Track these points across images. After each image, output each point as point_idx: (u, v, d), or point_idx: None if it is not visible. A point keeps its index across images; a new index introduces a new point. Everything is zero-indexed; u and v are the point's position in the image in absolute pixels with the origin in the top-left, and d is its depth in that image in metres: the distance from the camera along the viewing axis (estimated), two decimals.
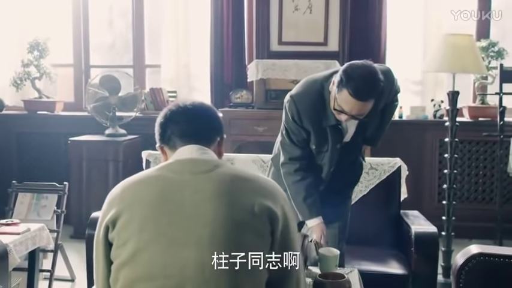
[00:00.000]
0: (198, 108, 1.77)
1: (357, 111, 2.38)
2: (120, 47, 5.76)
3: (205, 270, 1.50)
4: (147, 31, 5.50)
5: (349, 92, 2.33)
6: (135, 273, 1.54)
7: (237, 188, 1.59)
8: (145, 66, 5.53)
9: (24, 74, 5.24)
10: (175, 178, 1.60)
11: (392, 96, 2.64)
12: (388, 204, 3.51)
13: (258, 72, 4.73)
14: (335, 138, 2.60)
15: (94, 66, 5.55)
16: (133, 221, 1.56)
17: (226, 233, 1.52)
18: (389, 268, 3.07)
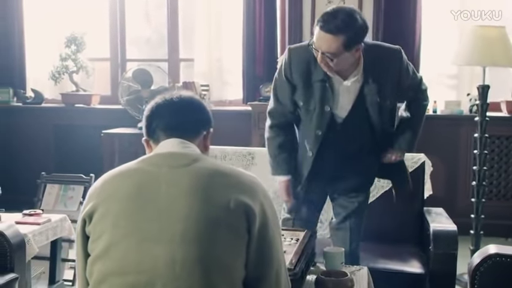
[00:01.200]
0: (184, 102, 1.73)
1: (326, 47, 2.36)
2: (155, 41, 5.78)
3: (176, 267, 1.46)
4: (182, 25, 5.50)
5: (319, 25, 2.39)
6: (108, 267, 1.51)
7: (213, 183, 1.55)
8: (179, 60, 5.53)
9: (62, 67, 5.32)
10: (153, 172, 1.57)
11: (401, 69, 2.57)
12: (411, 200, 3.38)
13: None
14: (322, 97, 2.53)
15: (130, 60, 5.59)
16: (109, 215, 1.54)
17: (199, 229, 1.48)
18: (406, 266, 2.96)
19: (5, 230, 2.82)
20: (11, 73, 5.53)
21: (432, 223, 3.06)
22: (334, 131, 2.60)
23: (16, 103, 5.54)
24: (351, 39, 2.37)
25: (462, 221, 4.23)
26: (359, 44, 2.42)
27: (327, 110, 2.55)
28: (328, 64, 2.42)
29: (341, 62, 2.42)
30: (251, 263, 1.54)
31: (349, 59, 2.44)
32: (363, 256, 3.05)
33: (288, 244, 2.38)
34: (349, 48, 2.39)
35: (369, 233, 3.28)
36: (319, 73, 2.51)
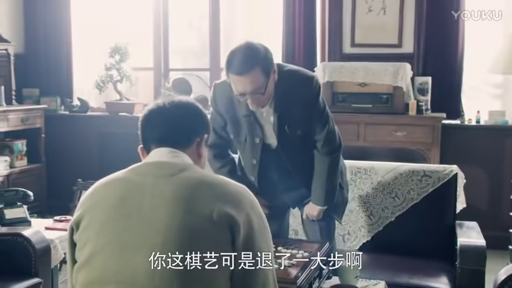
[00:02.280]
0: (176, 108, 1.69)
1: (252, 86, 2.37)
2: (198, 51, 5.81)
3: (155, 277, 1.43)
4: (223, 35, 5.51)
5: (231, 72, 2.40)
6: (90, 276, 1.50)
7: (197, 193, 1.51)
8: (220, 69, 5.54)
9: (107, 77, 5.42)
10: (138, 181, 1.55)
11: (310, 98, 2.55)
12: (441, 214, 3.26)
13: (325, 74, 4.60)
14: (251, 130, 2.58)
15: (173, 70, 5.64)
16: (93, 224, 1.53)
17: (179, 241, 1.44)
18: (432, 282, 2.84)
19: (30, 235, 2.89)
20: (59, 83, 5.67)
21: (460, 237, 2.94)
22: (269, 157, 2.64)
23: (63, 111, 5.67)
24: (265, 65, 2.39)
25: (504, 236, 4.07)
26: (273, 66, 2.44)
27: (257, 142, 2.61)
28: (259, 100, 2.43)
29: (268, 91, 2.44)
30: (236, 276, 1.49)
31: (272, 84, 2.45)
32: (386, 269, 2.97)
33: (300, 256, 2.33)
34: (268, 74, 2.40)
35: (395, 246, 3.20)
36: (243, 108, 2.54)
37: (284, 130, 2.57)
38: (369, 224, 3.32)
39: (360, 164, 3.43)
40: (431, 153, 4.36)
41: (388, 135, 4.45)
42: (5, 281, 2.72)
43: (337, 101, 4.64)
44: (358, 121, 4.51)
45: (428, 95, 4.60)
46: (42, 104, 5.54)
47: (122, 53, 5.37)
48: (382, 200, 3.32)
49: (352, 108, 4.59)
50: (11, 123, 5.03)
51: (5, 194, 3.27)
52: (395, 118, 4.47)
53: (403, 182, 3.31)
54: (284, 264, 2.21)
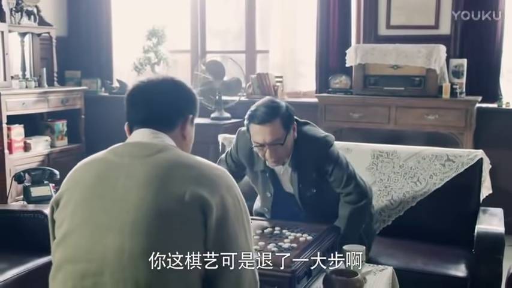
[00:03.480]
0: (159, 88, 1.66)
1: (270, 137, 2.44)
2: (234, 33, 5.77)
3: (123, 257, 1.41)
4: (259, 17, 5.45)
5: (253, 122, 2.47)
6: (64, 255, 1.51)
7: (171, 174, 1.48)
8: (256, 51, 5.50)
9: (145, 59, 5.46)
10: (115, 161, 1.54)
11: (322, 160, 2.59)
12: (464, 199, 3.13)
13: (357, 56, 4.49)
14: (264, 184, 2.69)
15: (210, 52, 5.62)
16: (70, 203, 1.53)
17: (149, 221, 1.42)
18: (447, 269, 2.73)
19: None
20: (99, 65, 5.75)
21: (479, 224, 2.82)
22: (285, 204, 2.69)
23: (103, 93, 5.75)
24: (285, 119, 2.47)
25: None
26: (292, 121, 2.53)
27: (268, 196, 2.71)
28: (277, 154, 2.48)
29: (287, 146, 2.50)
30: (208, 259, 1.46)
31: (291, 140, 2.52)
32: (402, 255, 2.89)
33: (301, 239, 2.28)
34: (287, 127, 2.48)
35: (416, 232, 3.11)
36: (261, 164, 2.63)
37: (300, 188, 2.63)
38: (389, 208, 3.22)
39: (382, 147, 3.33)
40: (463, 137, 4.20)
41: (419, 119, 4.31)
42: (25, 256, 2.77)
43: (368, 83, 4.53)
44: (389, 104, 4.39)
45: (464, 77, 4.42)
46: (83, 86, 5.62)
47: (159, 35, 5.40)
48: (403, 184, 3.21)
49: (384, 91, 4.46)
50: (51, 104, 5.13)
51: (32, 173, 3.34)
52: (427, 101, 4.32)
53: (425, 167, 3.19)
54: (284, 247, 2.16)
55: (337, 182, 2.60)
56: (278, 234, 2.33)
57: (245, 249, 1.52)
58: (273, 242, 2.24)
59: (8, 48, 4.82)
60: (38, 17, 5.26)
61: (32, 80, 5.12)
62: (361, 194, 2.64)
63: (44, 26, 5.30)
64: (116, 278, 1.42)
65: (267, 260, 2.01)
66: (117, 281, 1.41)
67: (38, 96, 4.99)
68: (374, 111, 4.42)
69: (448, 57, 4.47)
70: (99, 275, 1.43)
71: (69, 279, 1.47)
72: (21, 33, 5.18)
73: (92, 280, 1.44)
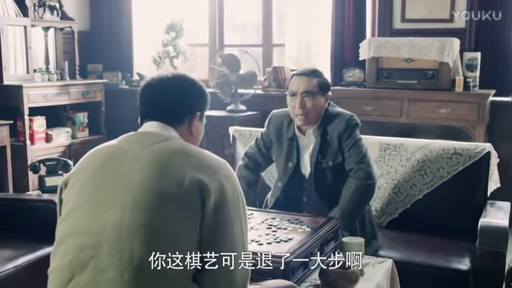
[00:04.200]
0: (169, 85, 1.73)
1: (304, 86, 2.70)
2: (252, 27, 5.75)
3: (122, 230, 1.47)
4: (275, 11, 5.43)
5: (295, 75, 2.79)
6: (67, 229, 1.56)
7: (173, 160, 1.55)
8: (272, 45, 5.47)
9: (164, 53, 5.48)
10: (124, 147, 1.61)
11: (345, 133, 2.73)
12: (471, 193, 3.08)
13: (370, 50, 4.44)
14: (288, 154, 2.81)
15: (227, 46, 5.62)
16: (77, 183, 1.60)
17: (148, 201, 1.48)
18: (449, 262, 2.69)
19: None
20: (120, 58, 5.79)
21: (484, 217, 2.77)
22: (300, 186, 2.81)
23: (124, 86, 5.79)
24: (322, 83, 2.74)
25: None
26: (328, 92, 2.79)
27: (290, 166, 2.81)
28: (305, 107, 2.69)
29: (316, 105, 2.71)
30: (204, 242, 1.50)
31: (321, 103, 2.74)
32: (406, 247, 2.86)
33: (299, 231, 2.27)
34: (322, 91, 2.73)
35: (422, 224, 3.08)
36: (290, 132, 2.81)
37: (319, 160, 2.74)
38: (396, 201, 3.19)
39: (389, 140, 3.29)
40: (476, 130, 4.13)
41: (431, 112, 4.25)
42: (36, 244, 2.80)
43: (382, 76, 4.48)
44: (402, 97, 4.33)
45: (477, 71, 4.34)
46: (104, 79, 5.67)
47: (177, 29, 5.41)
48: (410, 177, 3.17)
49: (397, 84, 4.41)
50: (72, 97, 5.19)
51: (47, 163, 3.38)
52: (440, 94, 4.25)
53: (432, 160, 3.14)
54: (281, 239, 2.16)
55: (352, 157, 2.70)
56: (277, 226, 2.32)
57: (239, 238, 1.55)
58: (271, 232, 2.23)
59: (30, 42, 4.88)
60: (61, 11, 5.32)
61: (54, 73, 5.18)
62: (370, 174, 2.73)
63: (66, 20, 5.36)
64: (112, 250, 1.46)
65: (263, 251, 2.02)
66: (114, 253, 1.46)
67: (59, 88, 5.05)
68: (386, 105, 4.37)
69: (462, 51, 4.40)
70: (97, 248, 1.48)
71: (69, 252, 1.52)
72: (45, 27, 5.24)
73: (90, 252, 1.49)
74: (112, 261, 1.45)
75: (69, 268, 1.50)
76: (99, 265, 1.47)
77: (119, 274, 1.44)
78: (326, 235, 2.29)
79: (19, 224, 2.92)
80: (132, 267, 1.44)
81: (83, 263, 1.49)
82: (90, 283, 1.47)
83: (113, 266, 1.45)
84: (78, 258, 1.50)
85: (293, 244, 2.09)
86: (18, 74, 4.81)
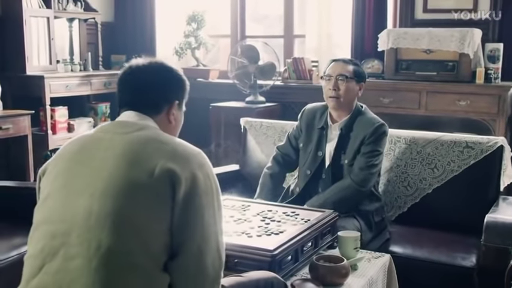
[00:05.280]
0: (146, 73, 1.69)
1: (340, 69, 2.79)
2: (273, 18, 5.69)
3: (91, 218, 1.46)
4: (297, 2, 5.35)
5: (333, 61, 2.88)
6: (41, 216, 1.57)
7: (146, 148, 1.53)
8: (293, 36, 5.41)
9: (185, 44, 5.47)
10: (99, 137, 1.61)
11: (370, 138, 2.72)
12: (483, 188, 2.98)
13: (389, 41, 4.33)
14: (318, 143, 2.83)
15: (249, 37, 5.57)
16: (53, 172, 1.60)
17: (117, 189, 1.47)
18: (452, 258, 2.62)
19: None
20: (143, 49, 5.73)
21: (491, 213, 2.68)
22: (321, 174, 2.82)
23: None
24: (358, 71, 2.82)
25: None
26: (362, 81, 2.84)
27: (319, 155, 2.82)
28: (338, 89, 2.75)
29: (349, 90, 2.77)
30: (174, 230, 1.48)
31: (355, 91, 2.80)
32: (411, 242, 2.79)
33: (292, 224, 2.23)
34: (357, 78, 2.80)
35: (432, 219, 3.01)
36: (321, 122, 2.85)
37: (338, 155, 2.78)
38: (405, 195, 3.11)
39: (400, 132, 3.21)
40: (496, 124, 3.99)
41: (450, 104, 4.13)
42: None
43: (400, 68, 4.38)
44: (420, 89, 4.22)
45: (499, 62, 4.20)
46: None
47: (199, 20, 5.39)
48: (420, 170, 3.09)
49: (416, 76, 4.30)
50: (94, 87, 5.22)
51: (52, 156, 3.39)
52: (459, 86, 4.13)
53: (443, 153, 3.06)
54: (272, 232, 2.12)
55: (362, 162, 2.69)
56: (271, 218, 2.28)
57: (211, 227, 1.52)
58: (264, 225, 2.20)
59: (53, 33, 4.93)
60: (84, 3, 5.36)
61: (77, 64, 5.23)
62: (367, 181, 2.69)
63: (89, 12, 5.40)
64: (81, 238, 1.46)
65: (251, 244, 1.99)
66: (82, 241, 1.45)
67: (81, 79, 5.09)
68: (404, 97, 4.27)
69: (485, 42, 4.26)
70: (67, 235, 1.48)
71: (41, 240, 1.52)
72: (69, 18, 5.28)
73: (61, 240, 1.48)
74: (80, 249, 1.45)
75: (41, 255, 1.50)
76: (68, 253, 1.46)
77: (87, 262, 1.43)
78: (321, 229, 2.24)
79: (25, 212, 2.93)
80: (100, 255, 1.43)
81: (54, 250, 1.49)
82: (60, 271, 1.46)
83: (81, 254, 1.44)
84: (50, 246, 1.49)
85: (283, 237, 2.05)
86: (41, 65, 4.87)
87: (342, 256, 2.21)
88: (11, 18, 4.74)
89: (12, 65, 4.79)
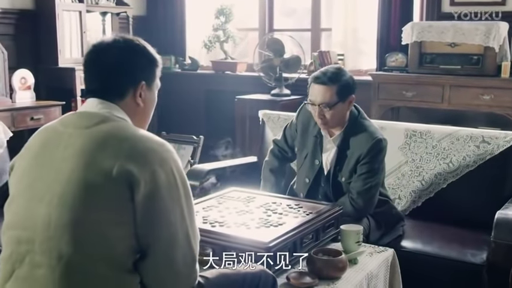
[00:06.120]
0: (107, 53, 1.55)
1: (321, 98, 2.48)
2: (301, 12, 5.63)
3: (50, 227, 1.40)
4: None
5: (312, 81, 2.53)
6: (7, 220, 1.53)
7: (104, 147, 1.43)
8: (320, 30, 5.34)
9: (214, 37, 5.47)
10: (60, 131, 1.52)
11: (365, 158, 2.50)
12: (499, 183, 2.88)
13: (413, 34, 4.23)
14: (314, 151, 2.65)
15: (277, 30, 5.53)
16: (18, 170, 1.55)
17: (75, 194, 1.40)
18: (462, 255, 2.53)
19: None
20: (173, 43, 5.82)
21: (503, 209, 2.58)
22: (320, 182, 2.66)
23: (176, 69, 5.83)
24: (342, 87, 2.48)
25: None
26: (351, 94, 2.52)
27: (316, 164, 2.65)
28: (324, 117, 2.50)
29: (336, 113, 2.50)
30: (139, 233, 1.42)
31: (343, 110, 2.53)
32: (421, 237, 2.72)
33: (294, 216, 2.20)
34: (342, 97, 2.49)
35: (446, 214, 2.93)
36: (315, 130, 2.64)
37: (335, 171, 2.60)
38: (420, 189, 3.03)
39: (415, 126, 3.13)
40: None
41: (474, 99, 4.01)
42: None
43: (424, 61, 4.28)
44: (443, 83, 4.11)
45: None
46: None
47: (226, 14, 5.38)
48: (435, 165, 3.00)
49: (440, 70, 4.19)
50: None
51: None
52: (483, 80, 4.00)
53: (459, 148, 2.97)
54: (271, 224, 2.09)
55: (359, 183, 2.51)
56: (274, 210, 2.25)
57: (178, 224, 1.45)
58: (265, 217, 2.17)
59: (85, 27, 5.00)
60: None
61: None
62: (365, 210, 2.53)
63: (121, 6, 5.44)
64: (43, 247, 1.41)
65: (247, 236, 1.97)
66: (44, 250, 1.41)
67: None
68: (427, 90, 4.16)
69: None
70: (31, 243, 1.43)
71: (9, 245, 1.48)
72: (102, 12, 5.35)
73: (26, 247, 1.44)
74: (43, 258, 1.40)
75: (10, 261, 1.47)
76: (33, 261, 1.42)
77: (51, 271, 1.39)
78: (323, 222, 2.20)
79: None
80: (62, 264, 1.38)
81: (21, 256, 1.44)
82: (28, 278, 1.43)
83: (44, 263, 1.40)
84: (16, 252, 1.46)
85: (281, 230, 2.02)
86: (73, 57, 4.94)
87: (344, 249, 2.18)
88: (44, 13, 4.82)
89: (46, 58, 4.88)
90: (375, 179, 2.51)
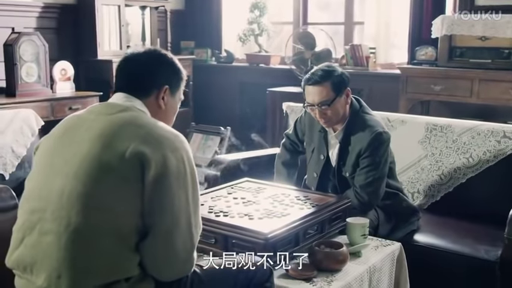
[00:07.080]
0: (138, 58, 1.71)
1: (318, 98, 2.45)
2: (336, 5, 5.54)
3: (63, 197, 1.49)
4: None
5: (306, 84, 2.50)
6: (24, 193, 1.63)
7: (121, 131, 1.53)
8: (353, 23, 5.25)
9: (249, 30, 5.45)
10: (84, 117, 1.63)
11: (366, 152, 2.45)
12: None
13: (443, 28, 4.10)
14: (319, 146, 2.63)
15: (310, 24, 5.47)
16: (41, 149, 1.66)
17: (89, 170, 1.49)
18: (474, 251, 2.45)
19: None
20: (210, 36, 5.84)
21: None
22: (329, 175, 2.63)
23: (212, 62, 5.84)
24: (336, 82, 2.45)
25: None
26: (346, 87, 2.49)
27: (321, 158, 2.62)
28: (326, 115, 2.47)
29: (336, 109, 2.47)
30: (145, 212, 1.48)
31: (343, 104, 2.50)
32: (435, 232, 2.65)
33: (299, 208, 2.17)
34: (338, 91, 2.46)
35: (464, 209, 2.86)
36: (319, 124, 2.60)
37: (340, 166, 2.57)
38: (439, 183, 2.95)
39: (436, 120, 3.05)
40: None
41: (503, 93, 3.85)
42: None
43: (454, 55, 4.14)
44: (473, 77, 3.97)
45: None
46: (195, 55, 5.76)
47: (261, 8, 5.35)
48: (455, 160, 2.92)
49: (470, 64, 4.05)
50: None
51: None
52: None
53: (479, 143, 2.87)
54: (275, 215, 2.07)
55: (362, 176, 2.46)
56: (281, 201, 2.23)
57: (182, 209, 1.51)
58: (270, 207, 2.15)
59: (124, 20, 5.06)
60: None
61: None
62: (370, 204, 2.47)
63: (159, 0, 5.48)
64: (54, 215, 1.49)
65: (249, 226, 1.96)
66: (55, 218, 1.49)
67: None
68: (456, 84, 4.03)
69: None
70: (43, 212, 1.52)
71: (23, 215, 1.58)
72: (142, 6, 5.40)
73: (38, 216, 1.53)
74: (53, 226, 1.48)
75: (22, 229, 1.56)
76: (43, 228, 1.50)
77: (57, 238, 1.47)
78: (329, 214, 2.17)
79: None
80: (69, 232, 1.45)
81: (32, 224, 1.53)
82: (35, 245, 1.51)
83: (53, 230, 1.48)
84: (29, 220, 1.54)
85: (283, 221, 2.00)
86: (112, 50, 5.01)
87: (350, 242, 2.15)
88: (84, 6, 4.90)
89: (86, 50, 4.96)
90: (378, 172, 2.45)
